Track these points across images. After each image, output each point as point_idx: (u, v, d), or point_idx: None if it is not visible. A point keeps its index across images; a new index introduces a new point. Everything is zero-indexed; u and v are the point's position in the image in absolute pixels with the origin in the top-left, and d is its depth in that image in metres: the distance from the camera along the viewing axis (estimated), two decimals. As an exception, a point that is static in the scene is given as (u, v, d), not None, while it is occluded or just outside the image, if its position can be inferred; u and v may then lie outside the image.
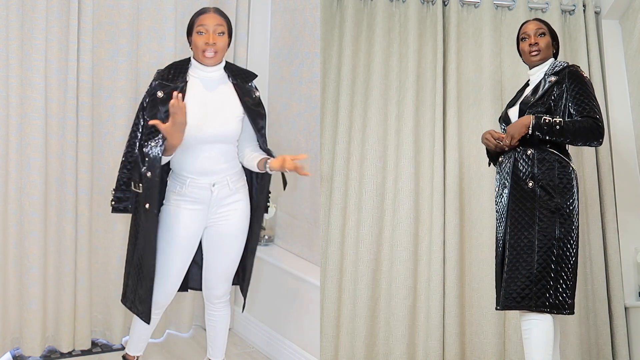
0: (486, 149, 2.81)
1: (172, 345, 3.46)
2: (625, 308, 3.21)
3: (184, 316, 3.52)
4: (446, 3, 3.49)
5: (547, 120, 2.48)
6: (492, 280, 3.22)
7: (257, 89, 2.81)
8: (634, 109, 3.29)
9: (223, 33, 2.62)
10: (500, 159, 2.70)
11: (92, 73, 3.20)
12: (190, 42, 2.69)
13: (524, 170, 2.56)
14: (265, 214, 3.50)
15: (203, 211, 2.71)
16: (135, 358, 2.94)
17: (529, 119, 2.51)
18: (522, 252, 2.50)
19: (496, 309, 2.59)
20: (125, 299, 2.79)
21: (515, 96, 2.83)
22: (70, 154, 3.19)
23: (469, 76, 3.41)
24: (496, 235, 2.67)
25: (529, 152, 2.56)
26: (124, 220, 3.32)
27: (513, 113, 2.70)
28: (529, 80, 2.79)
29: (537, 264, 2.46)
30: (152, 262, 2.64)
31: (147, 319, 2.70)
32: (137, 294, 2.70)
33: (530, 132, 2.51)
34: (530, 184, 2.54)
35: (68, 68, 3.13)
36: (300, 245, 3.42)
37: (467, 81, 3.40)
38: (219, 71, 2.70)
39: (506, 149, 2.63)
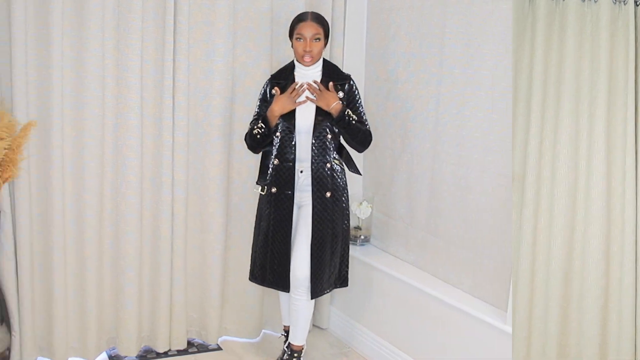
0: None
1: (268, 345, 3.46)
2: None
3: (280, 317, 3.50)
4: (638, 3, 3.42)
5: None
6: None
7: (344, 91, 2.98)
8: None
9: (319, 39, 2.92)
10: None
11: (188, 73, 3.17)
12: (292, 43, 2.99)
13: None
14: (359, 215, 3.49)
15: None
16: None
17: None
18: None
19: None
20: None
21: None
22: (167, 154, 3.17)
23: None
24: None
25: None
26: (220, 221, 3.31)
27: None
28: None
29: None
30: None
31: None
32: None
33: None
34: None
35: (164, 68, 3.10)
36: (395, 245, 3.38)
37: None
38: (316, 69, 3.00)
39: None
